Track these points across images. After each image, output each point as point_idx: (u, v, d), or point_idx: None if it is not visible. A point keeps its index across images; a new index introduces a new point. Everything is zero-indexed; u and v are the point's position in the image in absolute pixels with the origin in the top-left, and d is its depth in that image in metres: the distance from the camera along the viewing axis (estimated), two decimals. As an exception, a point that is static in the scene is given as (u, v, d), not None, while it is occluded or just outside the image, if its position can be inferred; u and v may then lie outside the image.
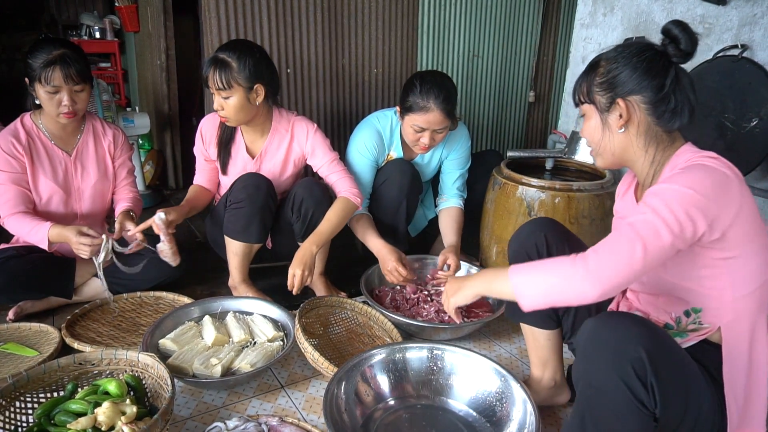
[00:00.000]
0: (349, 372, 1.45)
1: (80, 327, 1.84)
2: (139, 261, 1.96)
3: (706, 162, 1.06)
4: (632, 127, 1.15)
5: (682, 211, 1.00)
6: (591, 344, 1.01)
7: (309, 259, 1.82)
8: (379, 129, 2.18)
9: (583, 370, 1.03)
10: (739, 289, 1.07)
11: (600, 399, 1.00)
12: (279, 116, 2.03)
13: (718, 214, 1.01)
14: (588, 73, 1.20)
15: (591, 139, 1.23)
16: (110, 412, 1.23)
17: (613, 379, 0.97)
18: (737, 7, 2.26)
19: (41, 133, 1.90)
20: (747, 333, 1.08)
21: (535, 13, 3.11)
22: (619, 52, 1.15)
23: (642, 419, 0.98)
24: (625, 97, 1.14)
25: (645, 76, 1.12)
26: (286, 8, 2.43)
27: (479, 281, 1.26)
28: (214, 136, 2.04)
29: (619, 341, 0.97)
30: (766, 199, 2.28)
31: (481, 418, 1.43)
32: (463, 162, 2.28)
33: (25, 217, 1.80)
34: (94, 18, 4.62)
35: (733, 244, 1.04)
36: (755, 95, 2.04)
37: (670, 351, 0.99)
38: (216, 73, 1.79)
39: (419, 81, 2.00)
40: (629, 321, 1.00)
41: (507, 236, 2.08)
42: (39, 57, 1.73)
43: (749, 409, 1.08)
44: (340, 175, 2.00)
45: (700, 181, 1.02)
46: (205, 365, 1.54)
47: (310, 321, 1.78)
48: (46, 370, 1.36)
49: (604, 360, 0.98)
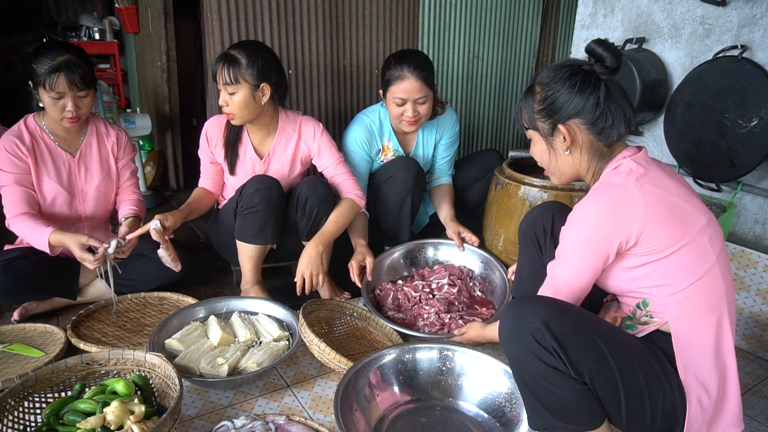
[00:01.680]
0: (358, 373, 1.46)
1: (85, 327, 1.84)
2: (142, 261, 1.97)
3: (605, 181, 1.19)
4: (576, 147, 1.24)
5: (580, 250, 1.18)
6: (502, 326, 1.16)
7: (316, 259, 1.83)
8: (367, 123, 2.22)
9: (506, 352, 1.16)
10: (675, 286, 1.14)
11: (524, 372, 1.13)
12: (285, 117, 2.05)
13: (619, 230, 1.12)
14: (526, 99, 1.28)
15: (541, 162, 1.33)
16: (119, 411, 1.23)
17: (523, 351, 1.10)
18: (737, 8, 2.27)
19: (45, 135, 1.90)
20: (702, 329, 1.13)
21: (534, 15, 3.13)
22: (551, 78, 1.22)
23: (567, 382, 1.08)
24: (565, 122, 1.21)
25: (579, 98, 1.19)
26: (288, 9, 2.44)
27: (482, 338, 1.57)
28: (220, 137, 2.04)
29: (519, 318, 1.12)
30: (767, 199, 2.30)
31: (491, 419, 1.44)
32: (452, 143, 2.40)
33: (29, 219, 1.80)
34: (94, 19, 4.61)
35: (655, 247, 1.12)
36: (755, 95, 2.05)
37: (571, 319, 1.11)
38: (224, 67, 1.83)
39: (392, 57, 2.13)
40: (529, 300, 1.15)
41: (509, 235, 2.09)
42: (43, 62, 1.73)
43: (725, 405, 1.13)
44: (346, 177, 2.04)
45: (588, 211, 1.17)
46: (211, 365, 1.55)
47: (313, 321, 1.79)
48: (53, 371, 1.37)
49: (512, 337, 1.13)
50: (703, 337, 1.13)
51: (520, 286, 1.61)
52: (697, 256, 1.13)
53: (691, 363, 1.12)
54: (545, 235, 1.46)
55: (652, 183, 1.15)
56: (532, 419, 1.17)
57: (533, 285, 1.43)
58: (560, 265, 1.24)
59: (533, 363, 1.09)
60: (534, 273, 1.48)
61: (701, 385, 1.11)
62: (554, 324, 1.07)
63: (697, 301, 1.14)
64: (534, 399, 1.14)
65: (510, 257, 2.11)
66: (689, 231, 1.13)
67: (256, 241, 1.93)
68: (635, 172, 1.16)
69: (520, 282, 1.60)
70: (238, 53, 1.84)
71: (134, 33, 3.95)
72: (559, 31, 3.25)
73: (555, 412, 1.12)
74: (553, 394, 1.10)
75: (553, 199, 1.99)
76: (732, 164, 2.11)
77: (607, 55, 1.18)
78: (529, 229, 1.52)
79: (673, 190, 1.16)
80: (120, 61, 4.57)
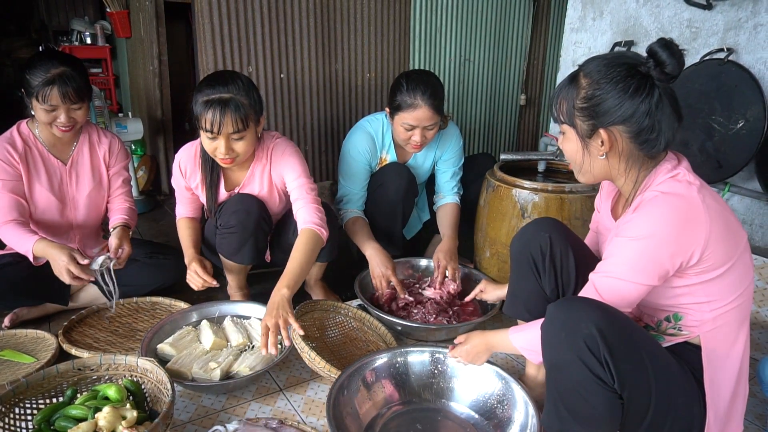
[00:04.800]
0: (350, 376, 1.46)
1: (77, 333, 1.83)
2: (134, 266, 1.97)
3: (670, 190, 1.07)
4: (614, 154, 1.14)
5: (641, 268, 1.06)
6: (549, 326, 1.07)
7: (281, 304, 1.57)
8: (370, 132, 2.20)
9: (546, 353, 1.09)
10: (718, 303, 1.10)
11: (562, 377, 1.06)
12: (261, 143, 1.86)
13: (686, 248, 1.04)
14: (568, 90, 1.15)
15: (571, 159, 1.22)
16: (111, 416, 1.23)
17: (569, 356, 1.02)
18: (723, 11, 2.31)
19: (38, 142, 1.89)
20: (730, 342, 1.11)
21: (525, 18, 3.15)
22: (602, 75, 1.09)
23: (605, 395, 1.02)
24: (608, 127, 1.11)
25: (629, 105, 1.07)
26: (279, 13, 2.45)
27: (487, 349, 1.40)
28: (195, 170, 1.87)
29: (571, 320, 1.03)
30: (753, 199, 2.32)
31: (483, 420, 1.45)
32: (456, 160, 2.32)
33: (16, 227, 1.76)
34: (85, 23, 4.59)
35: (712, 265, 1.07)
36: (741, 97, 2.08)
37: (624, 330, 1.04)
38: (231, 115, 1.62)
39: (405, 80, 2.04)
40: (581, 303, 1.06)
41: (501, 238, 2.10)
42: (37, 74, 1.70)
43: (733, 410, 1.13)
44: (304, 203, 1.79)
45: (657, 223, 1.05)
46: (204, 369, 1.55)
47: (306, 324, 1.79)
48: (45, 376, 1.36)
49: (559, 339, 1.04)
50: (731, 350, 1.11)
51: (513, 306, 1.49)
52: (741, 273, 1.10)
53: (716, 377, 1.10)
54: (543, 259, 1.35)
55: (710, 196, 1.07)
56: (549, 420, 1.13)
57: (528, 308, 1.42)
58: (616, 279, 1.09)
59: (578, 370, 1.01)
60: (531, 296, 1.41)
61: (720, 397, 1.10)
62: (608, 332, 1.00)
63: (733, 316, 1.11)
64: (561, 404, 1.08)
65: (501, 260, 2.13)
66: (738, 247, 1.09)
67: (234, 259, 1.91)
68: (694, 184, 1.06)
69: (513, 302, 1.49)
70: (236, 93, 1.64)
71: (126, 37, 3.94)
72: (550, 34, 3.28)
73: (578, 419, 1.07)
74: (585, 403, 1.04)
75: (544, 201, 2.01)
76: (719, 165, 2.13)
77: (670, 61, 1.05)
78: (524, 251, 1.40)
79: (721, 203, 1.09)
80: (112, 66, 4.55)
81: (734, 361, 1.12)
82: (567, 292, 1.36)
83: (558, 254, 1.34)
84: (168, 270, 2.05)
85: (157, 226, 3.01)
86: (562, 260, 1.34)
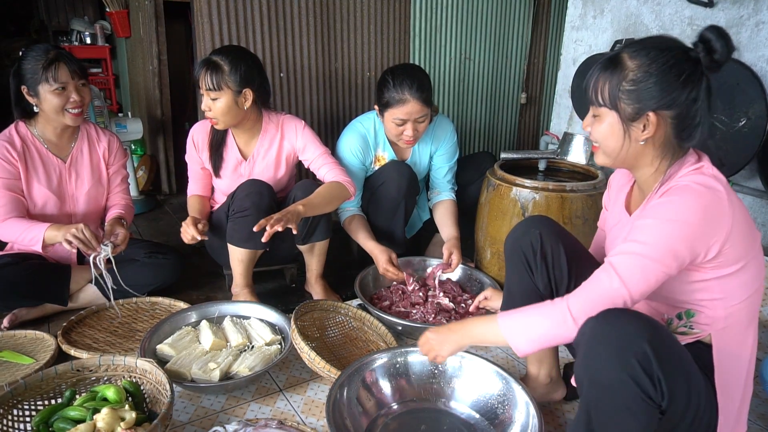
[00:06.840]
0: (350, 377, 1.45)
1: (76, 334, 1.83)
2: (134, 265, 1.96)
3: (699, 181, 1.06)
4: (651, 140, 1.12)
5: (667, 249, 1.02)
6: (594, 342, 1.00)
7: (295, 217, 1.73)
8: (362, 132, 2.21)
9: (588, 368, 1.01)
10: (731, 300, 1.09)
11: (607, 396, 0.99)
12: (268, 118, 2.05)
13: (709, 239, 1.02)
14: (611, 72, 1.10)
15: (604, 143, 1.16)
16: (109, 418, 1.23)
17: (619, 375, 0.96)
18: (724, 9, 2.30)
19: (36, 140, 1.89)
20: (740, 341, 1.11)
21: (525, 16, 3.14)
22: (652, 59, 1.06)
23: (650, 413, 0.98)
24: (657, 111, 1.08)
25: (680, 90, 1.05)
26: (279, 12, 2.44)
27: (467, 333, 1.23)
28: (206, 142, 2.05)
29: (621, 337, 0.96)
30: (755, 198, 2.31)
31: (483, 421, 1.44)
32: (451, 155, 2.33)
33: (19, 221, 1.79)
34: (85, 23, 4.58)
35: (728, 260, 1.06)
36: (743, 95, 2.07)
37: (672, 344, 1.00)
38: (207, 74, 1.84)
39: (391, 76, 2.05)
40: (630, 317, 0.99)
41: (501, 237, 2.10)
42: (37, 60, 1.76)
43: (742, 409, 1.12)
44: (332, 166, 2.00)
45: (688, 209, 1.03)
46: (203, 370, 1.54)
47: (306, 324, 1.79)
48: (43, 378, 1.36)
49: (608, 356, 0.97)
50: (741, 350, 1.10)
51: (509, 304, 1.46)
52: (755, 272, 1.09)
53: (727, 378, 1.09)
54: (534, 255, 1.34)
55: (732, 192, 1.07)
56: None
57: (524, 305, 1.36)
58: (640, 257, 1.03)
59: (628, 390, 0.95)
60: (524, 293, 1.40)
61: (731, 398, 1.09)
62: (661, 350, 0.95)
63: (744, 314, 1.10)
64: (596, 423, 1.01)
65: (502, 259, 2.11)
66: (755, 245, 1.08)
67: (247, 245, 1.92)
68: (719, 179, 1.05)
69: (509, 300, 1.47)
70: (221, 59, 1.85)
71: (126, 37, 3.94)
72: (550, 32, 3.26)
73: None
74: (631, 422, 0.98)
75: (545, 200, 2.00)
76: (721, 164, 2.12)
77: (721, 48, 1.03)
78: (515, 248, 1.39)
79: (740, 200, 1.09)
80: (111, 65, 4.55)
81: (744, 361, 1.11)
82: (560, 288, 1.35)
83: (549, 250, 1.33)
84: (167, 269, 2.05)
85: (157, 226, 3.01)
86: (553, 256, 1.33)
